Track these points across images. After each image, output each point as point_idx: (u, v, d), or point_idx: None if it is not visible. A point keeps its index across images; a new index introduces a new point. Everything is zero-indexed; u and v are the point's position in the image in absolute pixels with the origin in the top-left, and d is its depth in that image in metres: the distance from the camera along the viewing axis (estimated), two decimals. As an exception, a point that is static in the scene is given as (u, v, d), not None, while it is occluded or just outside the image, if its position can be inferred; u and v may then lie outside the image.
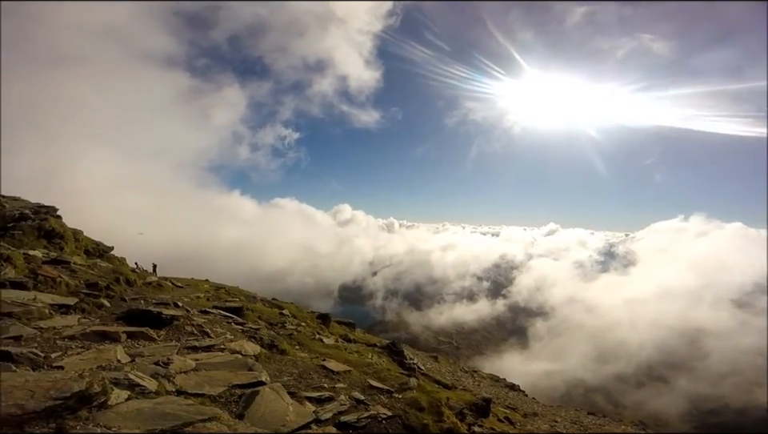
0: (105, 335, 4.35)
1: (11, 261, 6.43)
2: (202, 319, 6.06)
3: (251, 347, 5.03)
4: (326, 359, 5.77)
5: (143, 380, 3.12)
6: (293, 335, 7.08)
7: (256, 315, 7.72)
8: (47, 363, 3.23)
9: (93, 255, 9.58)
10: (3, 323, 4.00)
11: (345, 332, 10.56)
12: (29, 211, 8.81)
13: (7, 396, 2.09)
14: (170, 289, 8.66)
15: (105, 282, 6.87)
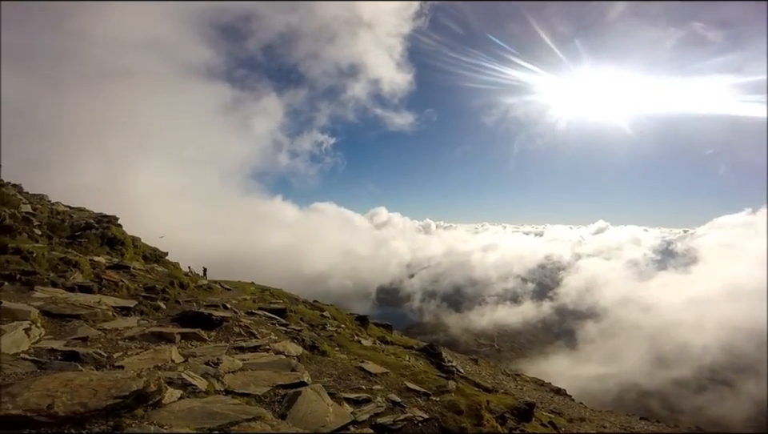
0: (161, 336, 4.66)
1: (79, 266, 7.08)
2: (248, 320, 6.35)
3: (294, 348, 5.23)
4: (363, 360, 5.88)
5: (194, 380, 3.31)
6: (332, 337, 7.27)
7: (298, 317, 8.01)
8: (109, 362, 3.51)
9: (150, 260, 10.35)
10: (72, 325, 4.42)
11: (382, 334, 10.67)
12: (93, 221, 9.68)
13: (72, 395, 2.26)
14: (219, 292, 9.17)
15: (161, 285, 7.41)
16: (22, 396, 2.20)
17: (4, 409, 2.08)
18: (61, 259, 7.17)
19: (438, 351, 10.53)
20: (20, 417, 2.09)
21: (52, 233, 8.96)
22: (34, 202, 10.71)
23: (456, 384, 5.79)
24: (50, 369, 3.01)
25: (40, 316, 4.27)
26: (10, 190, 10.14)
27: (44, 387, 2.30)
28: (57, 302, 5.08)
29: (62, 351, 3.46)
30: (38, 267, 6.48)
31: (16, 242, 7.39)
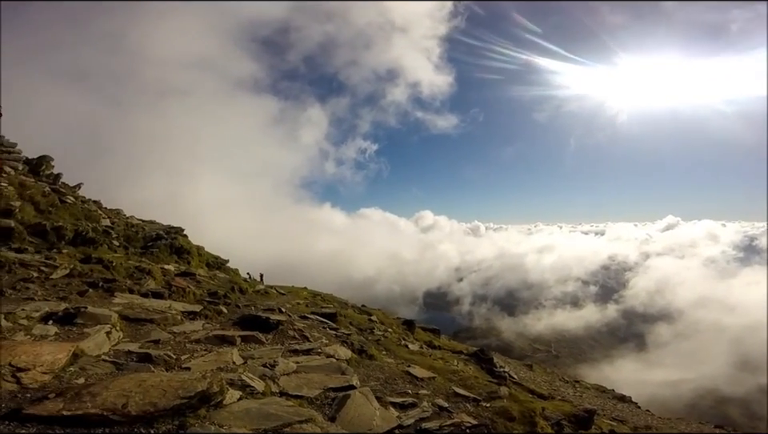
0: (223, 338, 4.97)
1: (152, 274, 7.79)
2: (302, 324, 6.62)
3: (343, 352, 5.38)
4: (410, 365, 5.91)
5: (253, 381, 3.50)
6: (380, 341, 7.38)
7: (348, 321, 8.23)
8: (178, 364, 3.80)
9: (213, 267, 11.17)
10: (146, 328, 4.86)
11: (429, 339, 10.63)
12: (162, 232, 10.66)
13: (144, 395, 2.46)
14: (274, 296, 9.67)
15: (223, 291, 7.96)
16: (101, 396, 2.41)
17: (84, 408, 2.27)
18: (136, 267, 7.93)
19: (488, 356, 10.29)
20: (97, 416, 2.28)
21: (128, 244, 9.96)
22: (112, 216, 11.96)
23: (508, 390, 5.63)
24: (126, 370, 3.33)
25: (119, 320, 4.71)
26: (91, 206, 11.43)
27: (120, 388, 2.52)
28: (133, 307, 5.58)
29: (137, 353, 3.81)
30: (117, 275, 7.19)
31: (98, 252, 8.29)
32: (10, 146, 12.73)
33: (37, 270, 6.21)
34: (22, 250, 7.11)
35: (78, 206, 10.76)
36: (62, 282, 6.10)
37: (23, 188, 9.81)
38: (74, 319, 4.35)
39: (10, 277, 5.65)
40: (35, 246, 7.76)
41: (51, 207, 9.85)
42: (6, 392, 2.55)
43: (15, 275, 5.78)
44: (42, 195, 10.03)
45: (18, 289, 5.36)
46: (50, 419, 2.27)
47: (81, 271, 6.78)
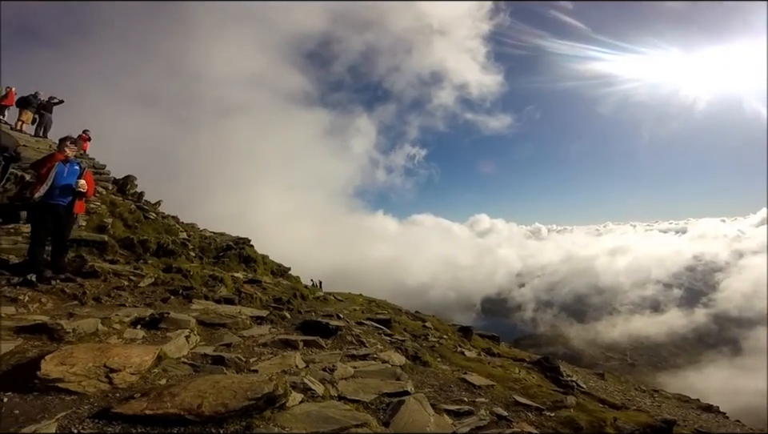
0: (287, 343, 5.24)
1: (223, 282, 8.46)
2: (358, 329, 6.82)
3: (397, 358, 5.48)
4: (467, 372, 5.83)
5: (314, 385, 3.65)
6: (435, 348, 7.38)
7: (402, 327, 8.33)
8: (247, 367, 4.06)
9: (276, 274, 11.90)
10: (219, 333, 5.27)
11: (488, 346, 10.38)
12: (231, 243, 11.59)
13: (217, 396, 2.63)
14: (332, 302, 10.06)
15: (286, 297, 8.45)
16: (179, 396, 2.63)
17: (164, 408, 2.49)
18: (210, 275, 8.66)
19: (554, 365, 9.80)
20: (175, 415, 2.49)
21: (202, 254, 10.93)
22: (188, 229, 13.17)
23: (576, 400, 5.34)
24: (202, 372, 3.63)
25: (196, 325, 5.13)
26: (170, 221, 12.74)
27: (197, 388, 2.74)
28: (208, 313, 6.05)
29: (212, 355, 4.15)
30: (194, 283, 7.88)
31: (177, 263, 9.15)
32: (100, 168, 14.56)
33: (127, 279, 6.93)
34: (115, 261, 8.02)
35: (159, 222, 12.05)
36: (148, 290, 6.77)
37: (113, 206, 11.16)
38: (158, 323, 4.82)
39: (105, 285, 6.38)
40: (125, 257, 8.73)
41: (137, 223, 11.11)
42: (99, 392, 2.86)
43: (110, 283, 6.53)
44: (129, 212, 11.35)
45: (112, 296, 6.01)
46: (134, 418, 2.49)
47: (163, 279, 7.50)
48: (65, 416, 2.53)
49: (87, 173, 6.26)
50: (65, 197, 5.89)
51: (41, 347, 3.45)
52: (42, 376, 2.79)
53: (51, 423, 2.40)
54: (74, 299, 5.52)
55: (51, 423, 2.40)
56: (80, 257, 7.25)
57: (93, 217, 9.88)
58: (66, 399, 2.75)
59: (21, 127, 16.95)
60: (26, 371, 2.89)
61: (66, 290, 5.66)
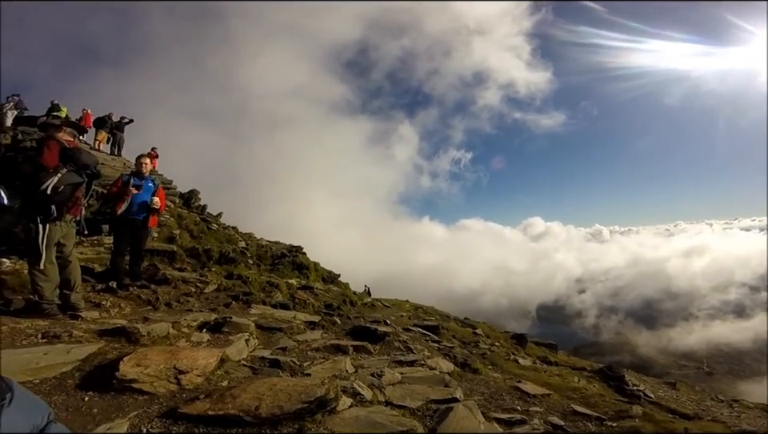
0: (338, 347, 5.38)
1: (278, 288, 8.90)
2: (405, 335, 6.88)
3: (445, 365, 5.45)
4: (520, 380, 5.65)
5: (363, 390, 3.71)
6: (486, 355, 7.24)
7: (450, 334, 8.27)
8: (301, 370, 4.19)
9: (327, 281, 12.33)
10: (276, 337, 5.53)
11: (544, 354, 9.96)
12: (285, 250, 12.22)
13: (274, 398, 2.72)
14: (380, 308, 10.23)
15: (336, 303, 8.74)
16: (239, 398, 2.73)
17: (225, 409, 2.58)
18: (267, 282, 9.16)
19: (618, 373, 9.17)
20: (235, 416, 2.58)
21: (259, 262, 11.60)
22: (246, 239, 14.02)
23: (642, 409, 4.98)
24: (260, 374, 3.80)
25: (255, 329, 5.39)
26: (230, 231, 13.67)
27: (255, 391, 2.85)
28: (266, 317, 6.35)
29: (269, 358, 4.37)
30: (253, 289, 8.35)
31: (238, 270, 9.77)
32: (167, 183, 15.91)
33: (194, 286, 7.49)
34: (183, 269, 8.72)
35: (220, 232, 12.96)
36: (212, 295, 7.27)
37: (180, 219, 12.16)
38: (221, 327, 5.14)
39: (175, 292, 6.95)
40: (191, 265, 9.45)
41: (201, 233, 12.02)
42: (168, 392, 3.05)
43: (179, 290, 7.11)
44: (194, 224, 12.31)
45: (181, 302, 6.53)
46: (197, 419, 2.61)
47: (225, 286, 8.03)
48: (136, 416, 2.68)
49: (160, 189, 6.86)
50: (141, 213, 6.50)
51: (120, 349, 3.79)
52: (120, 377, 3.01)
53: (123, 422, 2.55)
54: (148, 305, 6.10)
55: (123, 422, 2.55)
56: (153, 266, 7.98)
57: (163, 229, 10.84)
58: (138, 399, 2.93)
59: (98, 146, 18.93)
60: (106, 371, 3.17)
61: (142, 296, 6.27)
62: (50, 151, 4.45)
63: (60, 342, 3.76)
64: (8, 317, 4.34)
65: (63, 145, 4.56)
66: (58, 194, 4.30)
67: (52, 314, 4.51)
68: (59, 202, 4.35)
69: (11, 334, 3.88)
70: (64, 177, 4.36)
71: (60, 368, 3.23)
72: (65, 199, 4.40)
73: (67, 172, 4.40)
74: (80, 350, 3.54)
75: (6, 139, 15.86)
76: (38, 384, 2.99)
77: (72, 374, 3.23)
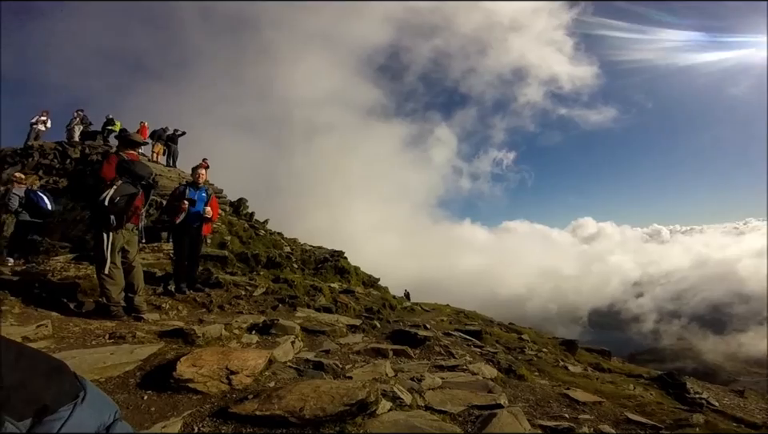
0: (378, 351, 5.43)
1: (321, 291, 9.14)
2: (446, 340, 6.82)
3: (488, 370, 5.33)
4: (569, 387, 5.41)
5: (402, 394, 3.69)
6: (532, 361, 7.01)
7: (494, 339, 8.09)
8: (342, 373, 4.24)
9: (367, 285, 12.50)
10: (319, 339, 5.69)
11: (596, 361, 9.46)
12: (328, 255, 12.55)
13: (318, 400, 2.75)
14: (419, 313, 10.21)
15: (376, 307, 8.83)
16: (285, 399, 2.78)
17: (272, 409, 2.63)
18: (311, 285, 9.44)
19: (679, 381, 8.51)
20: (280, 417, 2.61)
21: (303, 266, 11.98)
22: (291, 244, 14.53)
23: (704, 418, 4.64)
24: (305, 376, 3.87)
25: (300, 332, 5.54)
26: (276, 237, 14.24)
27: (300, 392, 2.88)
28: (310, 320, 6.54)
29: (313, 361, 4.46)
30: (298, 293, 8.64)
31: (283, 274, 10.14)
32: (218, 192, 16.82)
33: (244, 289, 7.86)
34: (234, 273, 9.19)
35: (267, 238, 13.54)
36: (260, 298, 7.58)
37: (231, 225, 12.83)
38: (269, 329, 5.34)
39: (227, 295, 7.33)
40: (241, 270, 9.93)
41: (250, 239, 12.61)
42: (220, 392, 3.14)
43: (230, 293, 7.49)
44: (243, 230, 12.95)
45: (232, 304, 6.87)
46: (245, 418, 2.66)
47: (272, 289, 8.37)
48: (190, 415, 2.76)
49: (213, 198, 7.22)
50: (196, 221, 6.89)
51: (177, 350, 4.01)
52: (177, 377, 3.12)
53: (178, 421, 2.63)
54: (203, 307, 6.50)
55: (178, 421, 2.63)
56: (207, 270, 8.48)
57: (216, 235, 11.49)
58: (192, 398, 3.03)
59: (156, 159, 20.30)
60: (164, 371, 3.35)
61: (197, 299, 6.69)
62: (109, 165, 4.88)
63: (125, 342, 4.09)
64: (80, 318, 4.80)
65: (122, 158, 4.97)
66: (114, 204, 4.68)
67: (118, 316, 4.93)
68: (117, 212, 4.72)
69: (83, 334, 4.28)
70: (120, 188, 4.74)
71: (124, 368, 3.48)
72: (122, 209, 4.75)
73: (122, 184, 4.78)
74: (142, 350, 3.83)
75: (76, 153, 17.54)
76: (104, 382, 3.22)
77: (134, 373, 3.46)
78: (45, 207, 8.38)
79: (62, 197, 14.33)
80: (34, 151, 17.69)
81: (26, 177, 9.95)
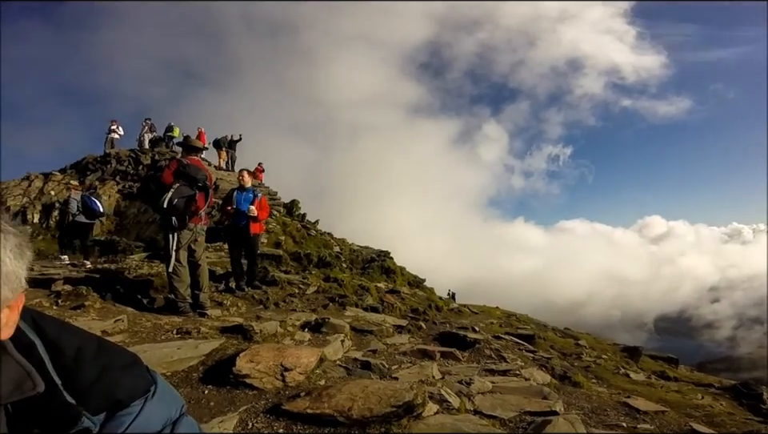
0: (425, 353, 5.39)
1: (369, 291, 9.27)
2: (496, 343, 6.65)
3: (541, 376, 5.14)
4: (630, 395, 5.09)
5: (450, 397, 3.62)
6: (589, 368, 6.66)
7: (548, 344, 7.77)
8: (389, 373, 4.25)
9: (413, 285, 12.55)
10: (367, 339, 5.70)
11: (662, 369, 8.78)
12: (374, 255, 12.76)
13: (365, 400, 2.76)
14: (467, 315, 10.04)
15: (422, 307, 8.82)
16: (335, 398, 2.81)
17: (322, 408, 2.66)
18: (359, 285, 9.62)
19: (756, 391, 7.65)
20: (329, 416, 2.64)
21: (352, 266, 12.26)
22: (340, 244, 14.90)
23: None
24: (353, 375, 3.92)
25: (349, 331, 5.58)
26: (326, 237, 14.70)
27: (349, 391, 2.90)
28: (358, 319, 6.59)
29: (361, 360, 4.50)
30: (347, 292, 8.81)
31: (333, 273, 10.42)
32: (273, 194, 17.59)
33: (297, 287, 8.08)
34: (288, 272, 9.56)
35: (318, 238, 14.01)
36: (312, 297, 7.79)
37: (285, 226, 13.39)
38: (320, 327, 5.43)
39: (282, 292, 7.60)
40: (294, 268, 10.31)
41: (302, 239, 13.11)
42: (274, 388, 3.24)
43: (285, 291, 7.76)
44: (296, 230, 13.48)
45: (287, 302, 7.11)
46: (296, 416, 2.75)
47: (323, 288, 8.59)
48: (245, 410, 2.82)
49: (261, 200, 7.37)
50: (242, 220, 7.09)
51: (237, 346, 4.19)
52: (236, 372, 3.23)
53: (234, 416, 2.70)
54: (260, 304, 6.82)
55: (234, 416, 2.70)
56: (264, 268, 8.89)
57: (271, 235, 12.05)
58: (248, 394, 3.11)
59: (220, 165, 21.60)
60: (224, 366, 3.51)
61: (255, 296, 7.02)
62: (169, 169, 5.27)
63: (190, 337, 4.38)
64: (152, 314, 5.21)
65: (182, 163, 5.35)
66: (173, 206, 5.04)
67: (185, 312, 5.32)
68: (177, 213, 5.08)
69: (154, 329, 4.62)
70: (177, 191, 5.10)
71: (188, 362, 3.70)
72: (181, 210, 5.10)
73: (180, 186, 5.15)
74: (205, 345, 4.08)
75: (147, 160, 19.16)
76: (170, 376, 3.40)
77: (197, 368, 3.66)
78: (98, 210, 9.32)
79: (136, 200, 15.78)
80: (112, 159, 19.58)
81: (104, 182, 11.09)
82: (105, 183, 16.80)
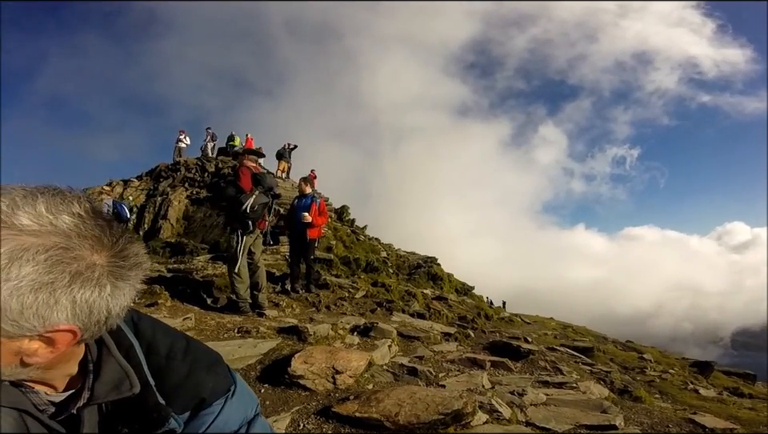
0: (474, 361, 5.30)
1: (415, 297, 9.26)
2: (551, 355, 6.38)
3: (598, 390, 4.86)
4: (696, 412, 4.69)
5: (500, 407, 3.55)
6: (653, 383, 6.19)
7: (607, 357, 7.32)
8: (436, 381, 4.21)
9: (461, 293, 12.37)
10: (413, 345, 5.65)
11: (735, 385, 7.94)
12: (421, 261, 12.75)
13: (412, 407, 2.75)
14: (519, 324, 9.72)
15: (470, 315, 8.68)
16: (383, 402, 2.84)
17: (369, 412, 2.69)
18: (405, 291, 9.65)
19: None
20: (376, 420, 2.71)
21: (398, 271, 12.34)
22: (386, 249, 15.05)
23: None
24: (400, 381, 3.95)
25: (396, 336, 5.61)
26: (374, 242, 14.92)
27: (396, 397, 2.91)
28: (405, 325, 6.60)
29: (408, 366, 4.50)
30: (394, 297, 8.87)
31: (381, 278, 10.55)
32: (325, 200, 18.18)
33: (347, 291, 8.21)
34: (338, 276, 9.81)
35: (366, 243, 14.26)
36: (361, 301, 7.87)
37: (335, 231, 13.78)
38: (369, 332, 5.50)
39: (333, 296, 7.79)
40: (344, 272, 10.57)
41: (352, 244, 13.41)
42: (325, 390, 3.33)
43: (336, 294, 7.97)
44: (346, 235, 13.82)
45: (337, 305, 7.26)
46: (345, 419, 2.77)
47: (371, 293, 8.71)
48: (297, 411, 2.89)
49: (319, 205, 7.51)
50: (298, 225, 7.38)
51: (292, 346, 4.37)
52: (291, 372, 3.33)
53: (287, 416, 2.77)
54: (312, 306, 7.05)
55: (287, 416, 2.77)
56: (317, 272, 9.21)
57: (323, 240, 12.44)
58: (301, 395, 3.18)
59: (281, 175, 22.43)
60: (279, 366, 3.65)
61: (308, 298, 7.27)
62: (245, 177, 5.64)
63: (250, 336, 4.64)
64: (216, 313, 5.59)
65: (252, 171, 5.74)
66: (253, 212, 5.43)
67: (245, 311, 5.66)
68: (254, 219, 5.47)
69: (217, 328, 4.95)
70: (257, 198, 5.48)
71: (247, 361, 3.91)
72: (258, 216, 5.49)
73: (259, 194, 5.53)
74: (263, 345, 4.31)
75: (211, 168, 20.54)
76: None
77: (255, 366, 3.84)
78: (125, 215, 10.09)
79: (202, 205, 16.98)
80: (181, 166, 21.22)
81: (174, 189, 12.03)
82: (175, 190, 18.23)
